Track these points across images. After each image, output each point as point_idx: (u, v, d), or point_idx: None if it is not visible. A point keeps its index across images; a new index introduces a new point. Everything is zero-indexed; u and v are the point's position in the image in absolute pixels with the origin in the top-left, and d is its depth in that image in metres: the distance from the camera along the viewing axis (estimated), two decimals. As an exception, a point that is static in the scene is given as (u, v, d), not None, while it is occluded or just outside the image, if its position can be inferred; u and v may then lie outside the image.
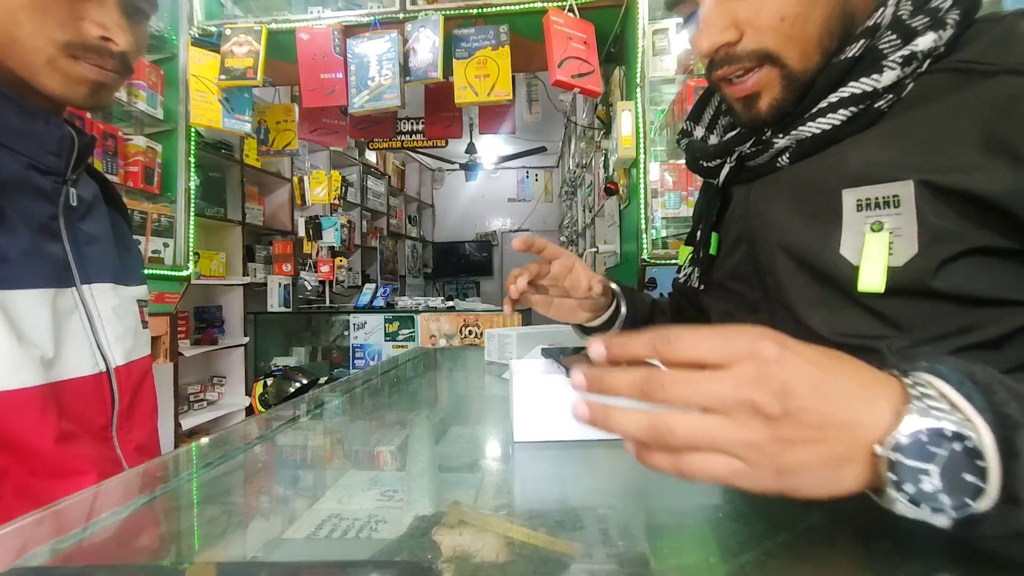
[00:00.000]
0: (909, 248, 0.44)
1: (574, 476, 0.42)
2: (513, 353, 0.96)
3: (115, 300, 0.67)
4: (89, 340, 0.62)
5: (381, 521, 0.33)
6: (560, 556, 0.28)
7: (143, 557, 0.32)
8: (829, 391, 0.28)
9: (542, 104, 3.06)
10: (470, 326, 2.98)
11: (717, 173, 0.61)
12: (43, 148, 0.58)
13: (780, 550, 0.30)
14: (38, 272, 0.57)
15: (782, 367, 0.27)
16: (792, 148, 0.52)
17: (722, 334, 0.29)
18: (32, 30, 0.53)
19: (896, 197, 0.44)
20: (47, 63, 0.54)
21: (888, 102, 0.47)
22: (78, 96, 0.57)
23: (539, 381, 0.48)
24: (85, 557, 0.31)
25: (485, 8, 2.14)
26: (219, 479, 0.44)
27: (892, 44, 0.46)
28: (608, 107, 2.57)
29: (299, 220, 3.86)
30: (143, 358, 0.72)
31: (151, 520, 0.36)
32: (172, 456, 0.46)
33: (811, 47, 0.48)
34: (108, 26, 0.55)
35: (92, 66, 0.56)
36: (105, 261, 0.67)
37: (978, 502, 0.26)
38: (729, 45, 0.50)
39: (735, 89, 0.52)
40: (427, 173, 7.29)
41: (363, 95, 2.11)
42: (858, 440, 0.27)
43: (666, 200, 2.04)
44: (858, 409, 0.28)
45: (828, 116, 0.48)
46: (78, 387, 0.60)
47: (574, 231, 4.87)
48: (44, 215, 0.59)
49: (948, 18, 0.45)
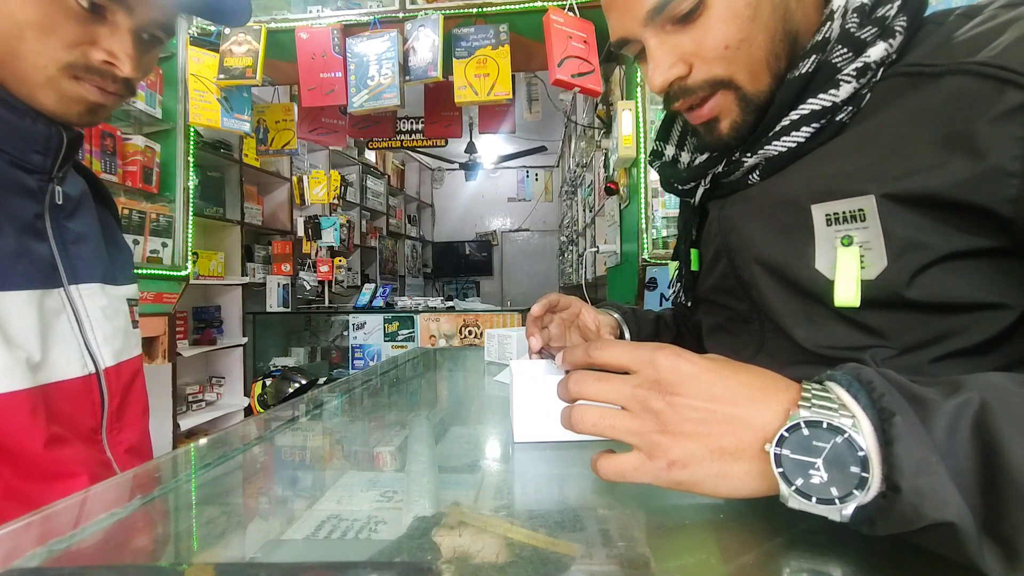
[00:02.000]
0: (879, 261, 0.44)
1: (574, 477, 0.42)
2: (513, 353, 0.96)
3: (104, 300, 0.65)
4: (78, 341, 0.61)
5: (381, 522, 0.33)
6: (560, 557, 0.28)
7: (142, 558, 0.32)
8: (715, 391, 0.32)
9: (542, 103, 3.06)
10: (470, 326, 2.98)
11: (693, 193, 0.62)
12: (29, 146, 0.56)
13: (780, 551, 0.29)
14: (24, 273, 0.55)
15: (672, 371, 0.32)
16: (761, 165, 0.53)
17: (634, 346, 0.35)
18: (37, 48, 0.51)
19: (861, 211, 0.44)
20: (46, 81, 0.53)
21: (848, 114, 0.47)
22: (72, 114, 0.56)
23: (539, 381, 0.48)
24: (84, 558, 0.31)
25: (485, 7, 2.14)
26: (218, 480, 0.44)
27: (844, 57, 0.46)
28: (608, 106, 2.57)
29: (298, 220, 3.86)
30: (133, 358, 0.70)
31: (150, 521, 0.36)
32: (171, 457, 0.46)
33: (759, 69, 0.49)
34: (116, 54, 0.54)
35: (93, 87, 0.55)
36: (93, 260, 0.65)
37: (864, 492, 0.27)
38: (681, 79, 0.51)
39: (694, 116, 0.53)
40: (427, 172, 7.28)
41: (362, 94, 2.11)
42: (746, 437, 0.31)
43: (666, 200, 2.04)
44: (746, 408, 0.31)
45: (792, 134, 0.49)
46: (67, 389, 0.59)
47: (574, 231, 4.87)
48: (29, 214, 0.57)
49: (896, 25, 0.45)
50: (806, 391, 0.31)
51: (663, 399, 0.32)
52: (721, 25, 0.47)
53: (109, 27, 0.53)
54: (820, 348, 0.49)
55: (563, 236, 6.08)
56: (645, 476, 0.33)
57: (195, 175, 2.52)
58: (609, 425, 0.34)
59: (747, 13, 0.47)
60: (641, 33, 0.50)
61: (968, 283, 0.42)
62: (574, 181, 4.69)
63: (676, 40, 0.49)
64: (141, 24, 0.55)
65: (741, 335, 0.59)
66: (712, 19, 0.48)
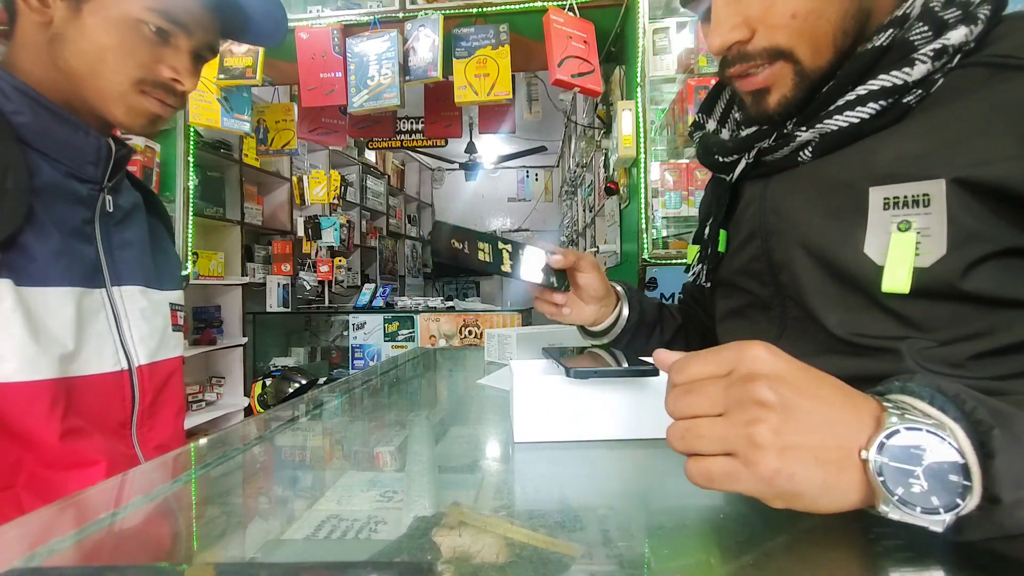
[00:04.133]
0: (937, 249, 0.43)
1: (574, 477, 0.42)
2: (513, 353, 0.96)
3: (144, 302, 0.69)
4: (113, 339, 0.65)
5: (380, 522, 0.33)
6: (560, 557, 0.28)
7: (142, 558, 0.32)
8: (817, 391, 0.29)
9: (542, 103, 3.05)
10: (470, 326, 2.98)
11: (731, 168, 0.59)
12: (83, 159, 0.62)
13: (780, 551, 0.29)
14: (66, 271, 0.59)
15: (771, 366, 0.29)
16: (815, 142, 0.50)
17: (713, 350, 0.31)
18: (115, 67, 0.59)
19: (926, 196, 0.43)
20: (119, 96, 0.60)
21: (917, 97, 0.45)
22: (136, 125, 0.63)
23: (539, 381, 0.48)
24: (84, 558, 0.31)
25: (485, 7, 2.14)
26: (218, 480, 0.44)
27: (923, 36, 0.44)
28: (608, 106, 2.57)
29: (298, 220, 3.86)
30: (170, 359, 0.73)
31: (150, 521, 0.36)
32: (171, 457, 0.46)
33: (824, 44, 0.48)
34: (179, 71, 0.62)
35: (156, 100, 0.62)
36: (137, 265, 0.70)
37: (967, 501, 0.26)
38: (741, 43, 0.49)
39: (745, 83, 0.52)
40: (427, 172, 7.28)
41: (362, 94, 2.11)
42: (845, 443, 0.28)
43: (667, 200, 2.04)
44: (843, 412, 0.29)
45: (856, 110, 0.47)
46: (97, 383, 0.62)
47: (574, 231, 4.87)
48: (78, 219, 0.63)
49: (979, 13, 0.43)
50: (887, 400, 0.29)
51: (768, 391, 0.28)
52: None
53: (172, 49, 0.62)
54: (852, 336, 0.48)
55: (563, 236, 6.08)
56: (740, 484, 0.29)
57: (195, 175, 2.52)
58: (703, 440, 0.30)
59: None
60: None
61: (1021, 279, 0.42)
62: (574, 181, 4.69)
63: (745, 2, 0.48)
64: (197, 46, 0.64)
65: (760, 322, 0.58)
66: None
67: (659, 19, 2.09)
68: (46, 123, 0.59)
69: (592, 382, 0.47)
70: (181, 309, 0.78)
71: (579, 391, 0.47)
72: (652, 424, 0.46)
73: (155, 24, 0.59)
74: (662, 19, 2.09)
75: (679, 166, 2.05)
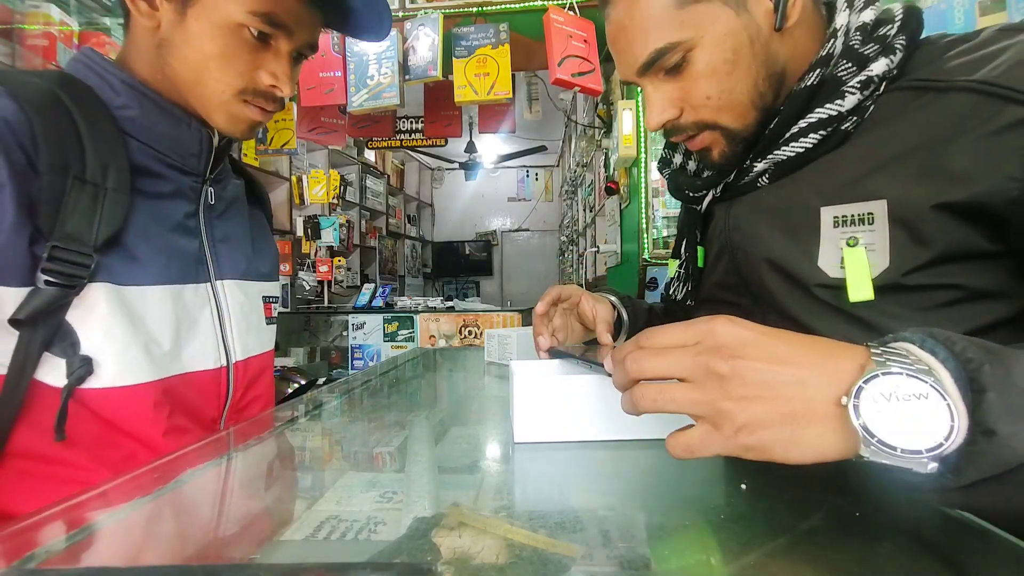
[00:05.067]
0: (881, 262, 0.48)
1: (574, 477, 0.42)
2: (513, 353, 0.96)
3: (241, 296, 0.69)
4: (216, 334, 0.65)
5: (380, 523, 0.33)
6: (560, 558, 0.28)
7: (142, 558, 0.32)
8: (779, 353, 0.31)
9: (542, 103, 3.05)
10: (470, 326, 2.98)
11: (700, 201, 0.67)
12: (186, 151, 0.63)
13: (781, 551, 0.29)
14: (168, 268, 0.60)
15: (732, 336, 0.32)
16: (770, 170, 0.57)
17: (685, 323, 0.34)
18: (218, 76, 0.59)
19: (871, 215, 0.48)
20: (220, 104, 0.61)
21: (853, 123, 0.51)
22: (237, 131, 0.64)
23: (540, 382, 0.47)
24: (84, 558, 0.31)
25: (485, 6, 2.14)
26: (217, 480, 0.44)
27: (849, 71, 0.50)
28: (609, 106, 2.57)
29: (297, 219, 3.85)
30: (262, 354, 0.73)
31: (150, 521, 0.36)
32: (169, 457, 0.46)
33: (744, 110, 0.55)
34: (279, 76, 0.62)
35: (256, 108, 0.63)
36: (237, 257, 0.70)
37: (950, 440, 0.27)
38: (674, 119, 0.57)
39: (689, 144, 0.60)
40: (426, 172, 7.28)
41: (362, 94, 2.11)
42: (816, 397, 0.30)
43: (667, 199, 2.04)
44: (813, 369, 0.31)
45: (800, 140, 0.53)
46: (198, 380, 0.63)
47: (574, 230, 4.87)
48: (181, 214, 0.63)
49: (896, 43, 0.50)
50: (875, 349, 0.30)
51: (726, 363, 0.31)
52: (702, 80, 0.53)
53: (272, 53, 0.61)
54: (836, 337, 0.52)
55: (563, 236, 6.08)
56: (713, 446, 0.32)
57: (195, 175, 2.51)
58: (670, 398, 0.33)
59: (725, 69, 0.52)
60: (639, 81, 0.57)
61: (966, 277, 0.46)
62: (574, 181, 4.69)
63: (667, 88, 0.56)
64: (297, 47, 0.63)
65: None
66: (695, 74, 0.53)
67: (659, 18, 2.09)
68: (152, 116, 0.60)
69: (602, 380, 0.47)
70: (276, 300, 0.78)
71: (583, 391, 0.47)
72: (653, 425, 0.46)
73: (256, 28, 0.58)
74: (662, 18, 2.09)
75: (679, 166, 2.05)
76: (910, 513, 0.33)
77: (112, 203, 0.53)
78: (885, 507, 0.33)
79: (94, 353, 0.53)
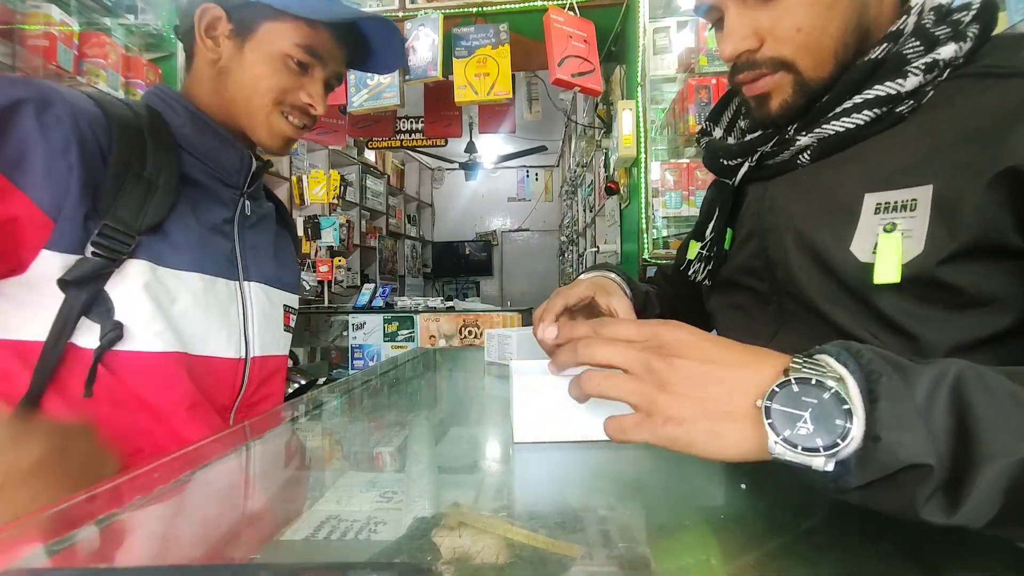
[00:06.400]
0: (915, 248, 0.46)
1: (574, 477, 0.42)
2: (513, 353, 0.96)
3: (264, 299, 0.78)
4: (240, 328, 0.73)
5: (380, 523, 0.33)
6: (560, 558, 0.28)
7: (141, 558, 0.32)
8: (712, 355, 0.35)
9: (542, 103, 3.06)
10: (470, 326, 2.98)
11: (735, 172, 0.63)
12: (231, 167, 0.74)
13: (781, 551, 0.29)
14: (204, 260, 0.69)
15: (674, 337, 0.36)
16: (813, 146, 0.54)
17: (640, 322, 0.38)
18: (264, 91, 0.71)
19: (914, 201, 0.46)
20: (264, 116, 0.72)
21: (909, 107, 0.49)
22: (275, 146, 0.75)
23: (539, 381, 0.47)
24: (83, 558, 0.31)
25: (485, 7, 2.14)
26: (217, 480, 0.44)
27: (915, 51, 0.48)
28: (609, 106, 2.57)
29: (298, 219, 3.85)
30: (278, 356, 0.81)
31: (150, 521, 0.36)
32: (170, 457, 0.46)
33: (826, 57, 0.51)
34: (314, 96, 0.73)
35: (291, 122, 0.74)
36: (263, 265, 0.79)
37: (847, 443, 0.29)
38: (750, 52, 0.53)
39: (750, 87, 0.56)
40: (426, 172, 7.28)
41: (362, 94, 2.11)
42: (739, 398, 0.33)
43: (667, 199, 2.04)
44: (740, 371, 0.34)
45: (852, 116, 0.51)
46: (217, 365, 0.70)
47: (574, 231, 4.87)
48: (220, 218, 0.73)
49: (968, 31, 0.47)
50: (796, 358, 0.33)
51: (663, 360, 0.35)
52: (799, 8, 0.50)
53: (310, 78, 0.73)
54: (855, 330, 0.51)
55: (563, 236, 6.08)
56: (643, 433, 0.35)
57: (195, 175, 2.51)
58: (613, 385, 0.36)
59: (826, 1, 0.49)
60: (724, 1, 0.53)
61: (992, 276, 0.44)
62: (574, 181, 4.69)
63: (754, 14, 0.52)
64: (329, 76, 0.75)
65: (758, 316, 0.62)
66: (792, 1, 0.50)
67: (659, 19, 2.09)
68: (204, 136, 0.71)
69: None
70: (294, 312, 0.87)
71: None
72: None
73: (298, 58, 0.70)
74: (662, 18, 2.09)
75: (679, 166, 2.05)
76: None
77: (160, 198, 0.63)
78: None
79: (126, 319, 0.61)
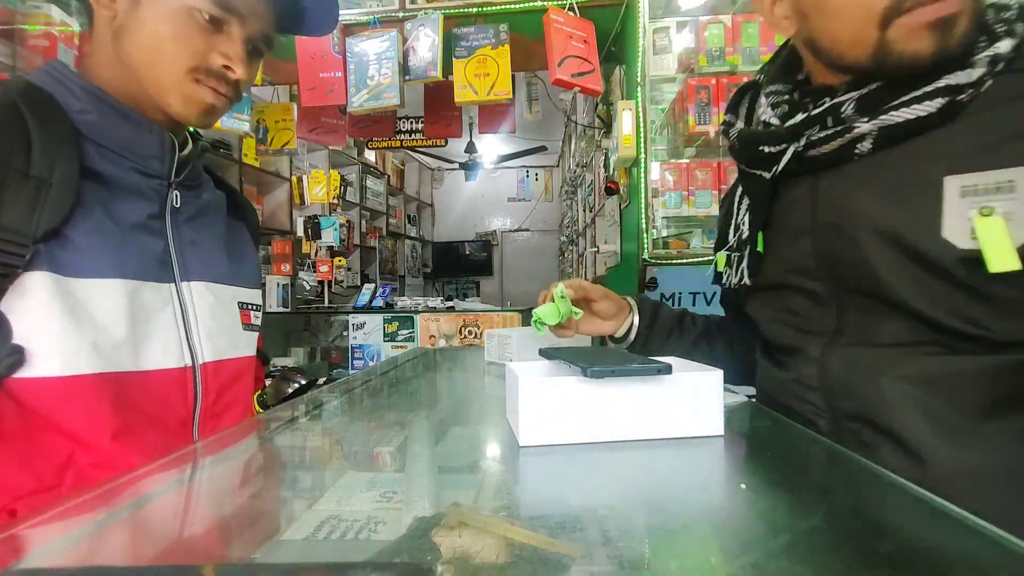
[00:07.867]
0: (1021, 234, 0.45)
1: (574, 477, 0.42)
2: (513, 353, 0.96)
3: (211, 298, 0.69)
4: (179, 335, 0.65)
5: (380, 522, 0.33)
6: (560, 558, 0.28)
7: (142, 558, 0.32)
8: None
9: (542, 103, 3.05)
10: (470, 326, 2.97)
11: (775, 161, 0.59)
12: (147, 153, 0.63)
13: (781, 552, 0.29)
14: (123, 264, 0.59)
15: None
16: (874, 134, 0.52)
17: None
18: (171, 57, 0.61)
19: (1011, 183, 0.46)
20: (174, 85, 0.62)
21: (969, 96, 0.50)
22: (192, 116, 0.65)
23: (547, 383, 0.47)
24: (84, 558, 0.31)
25: (485, 7, 2.14)
26: (217, 480, 0.44)
27: (980, 44, 0.50)
28: (608, 106, 2.56)
29: (298, 220, 3.86)
30: (237, 358, 0.72)
31: (150, 521, 0.36)
32: (169, 457, 0.46)
33: None
34: (231, 57, 0.63)
35: (209, 89, 0.63)
36: (208, 261, 0.70)
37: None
38: None
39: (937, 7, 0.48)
40: (426, 172, 7.28)
41: (362, 94, 2.11)
42: None
43: (667, 200, 2.04)
44: None
45: (923, 103, 0.50)
46: (157, 379, 0.62)
47: (574, 231, 4.87)
48: (143, 214, 0.63)
49: (1016, 27, 0.50)
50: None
51: None
52: None
53: (225, 37, 0.63)
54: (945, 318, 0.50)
55: (563, 236, 6.07)
56: None
57: (195, 175, 2.51)
58: None
59: None
60: None
61: None
62: (574, 181, 4.69)
63: None
64: (249, 34, 0.65)
65: (814, 318, 0.60)
66: None
67: (659, 19, 2.09)
68: (111, 120, 0.61)
69: (603, 381, 0.46)
70: (256, 309, 0.78)
71: (589, 392, 0.47)
72: (660, 424, 0.46)
73: (208, 12, 0.60)
74: (662, 19, 2.09)
75: (679, 166, 2.05)
76: (910, 513, 0.33)
77: (56, 198, 0.53)
78: (885, 507, 0.33)
79: (29, 342, 0.52)
